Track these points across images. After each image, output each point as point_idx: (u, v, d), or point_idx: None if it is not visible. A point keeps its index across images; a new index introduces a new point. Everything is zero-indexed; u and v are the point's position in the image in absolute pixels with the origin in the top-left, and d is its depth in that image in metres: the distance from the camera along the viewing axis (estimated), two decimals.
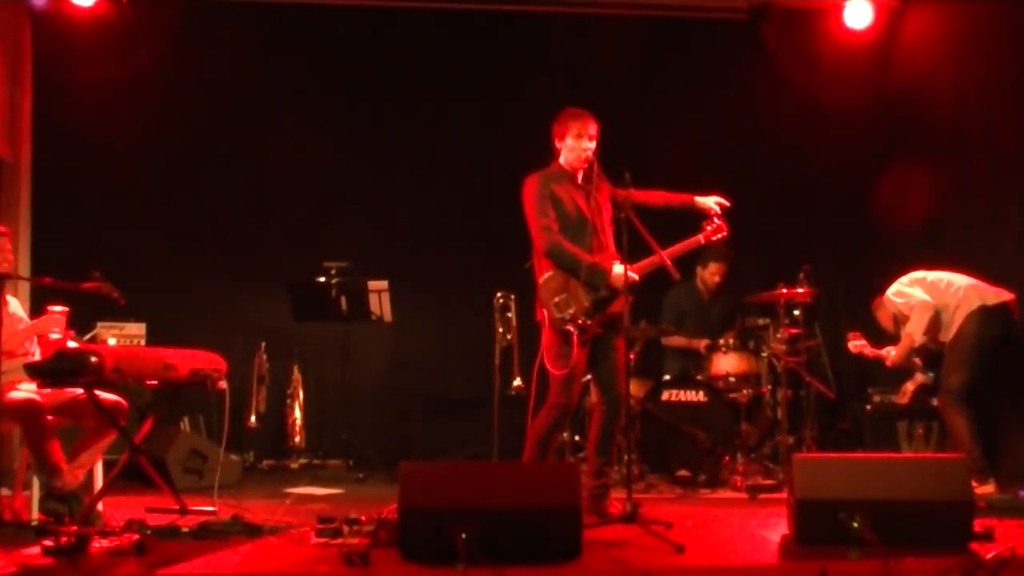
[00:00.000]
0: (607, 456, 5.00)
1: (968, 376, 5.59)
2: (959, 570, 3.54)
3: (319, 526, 4.19)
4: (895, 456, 5.77)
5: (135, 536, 3.96)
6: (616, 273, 4.79)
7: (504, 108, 7.48)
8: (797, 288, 6.19)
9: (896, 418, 6.69)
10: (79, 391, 4.43)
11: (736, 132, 7.84)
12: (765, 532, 4.43)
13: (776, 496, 5.52)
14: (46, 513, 4.32)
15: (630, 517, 4.37)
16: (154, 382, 4.51)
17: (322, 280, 6.92)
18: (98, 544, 3.90)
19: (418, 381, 7.70)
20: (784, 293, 6.23)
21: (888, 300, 5.97)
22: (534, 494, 3.82)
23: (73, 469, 4.48)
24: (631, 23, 7.59)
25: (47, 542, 3.79)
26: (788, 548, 4.07)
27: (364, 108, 7.64)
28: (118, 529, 4.11)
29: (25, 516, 4.58)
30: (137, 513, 4.46)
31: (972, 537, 3.95)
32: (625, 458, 5.19)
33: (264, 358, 7.14)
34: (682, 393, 6.40)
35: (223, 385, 4.54)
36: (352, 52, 7.63)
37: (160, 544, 3.98)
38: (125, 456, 4.52)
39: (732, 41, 7.66)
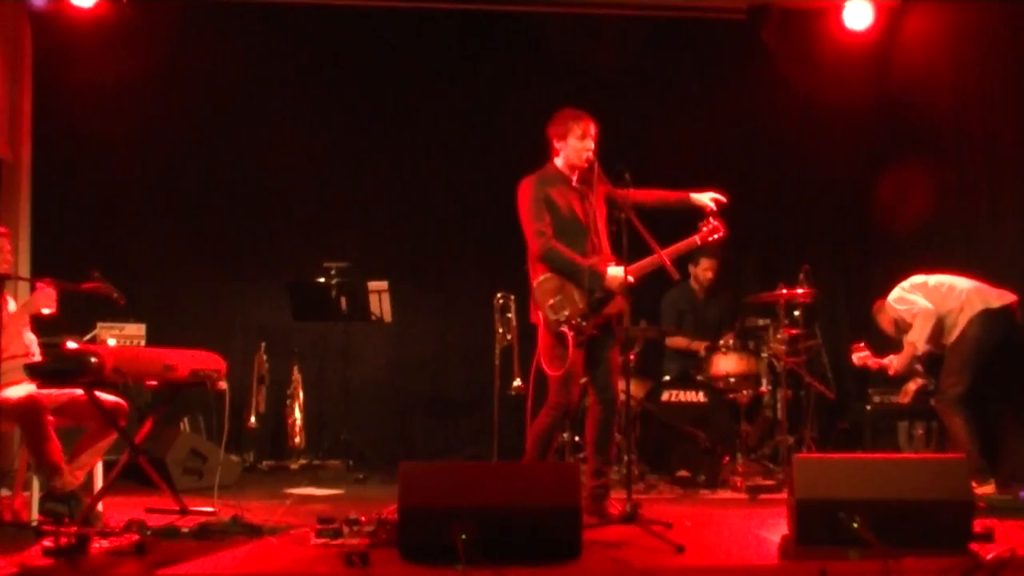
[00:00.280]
0: (605, 456, 5.00)
1: (968, 380, 5.58)
2: (959, 570, 3.54)
3: (319, 526, 4.19)
4: (895, 456, 5.76)
5: (135, 537, 3.97)
6: (612, 275, 4.80)
7: (504, 108, 7.48)
8: (797, 288, 6.18)
9: (896, 418, 6.70)
10: (79, 391, 4.43)
11: (736, 132, 7.84)
12: (765, 532, 4.43)
13: (776, 496, 5.51)
14: (46, 514, 4.31)
15: (630, 517, 4.38)
16: (154, 382, 4.53)
17: (322, 280, 6.92)
18: (98, 545, 3.90)
19: (418, 381, 7.71)
20: (784, 293, 6.23)
21: (889, 306, 5.92)
22: (534, 494, 3.81)
23: (73, 470, 4.47)
24: (631, 23, 7.59)
25: (47, 543, 3.80)
26: (788, 548, 4.06)
27: (364, 108, 7.64)
28: (118, 530, 4.12)
29: (25, 517, 4.57)
30: (137, 513, 4.47)
31: (972, 537, 3.95)
32: (625, 458, 5.17)
33: (264, 358, 7.13)
34: (682, 393, 6.41)
35: (223, 385, 4.55)
36: (352, 52, 7.62)
37: (160, 544, 3.97)
38: (125, 456, 4.53)
39: (732, 41, 7.66)
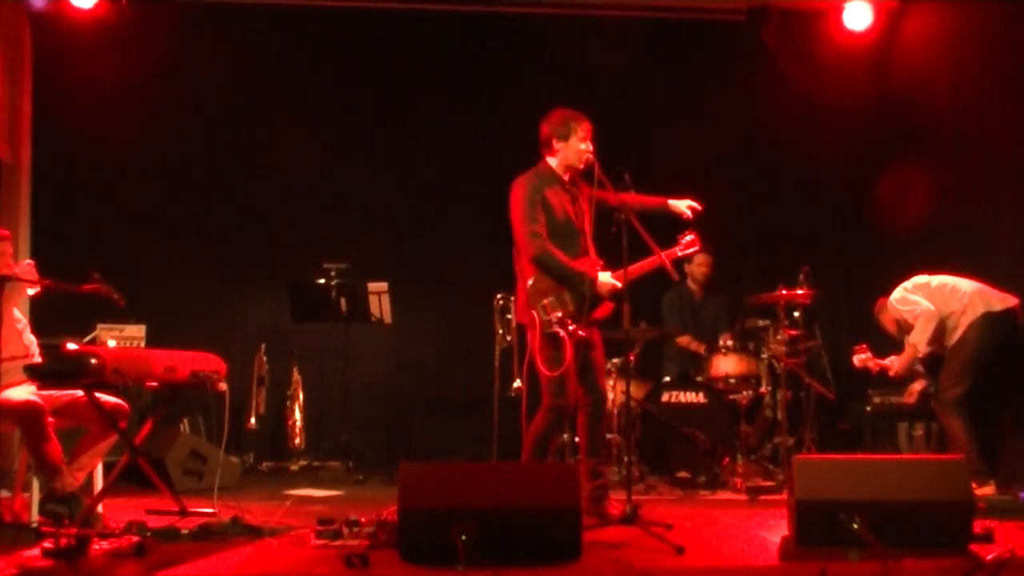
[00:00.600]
0: (600, 456, 4.99)
1: (968, 382, 5.57)
2: (959, 571, 3.54)
3: (319, 527, 4.19)
4: (895, 457, 5.76)
5: (135, 538, 3.96)
6: (602, 281, 4.82)
7: (504, 109, 7.47)
8: (797, 289, 6.18)
9: (896, 419, 6.70)
10: (79, 393, 4.42)
11: (736, 132, 7.84)
12: (765, 533, 4.43)
13: (776, 497, 5.52)
14: (46, 515, 4.30)
15: (630, 518, 4.38)
16: (154, 384, 4.52)
17: (322, 281, 6.93)
18: (98, 546, 3.91)
19: (418, 382, 7.70)
20: (784, 294, 6.23)
21: (891, 306, 5.91)
22: (534, 495, 3.81)
23: (73, 471, 4.47)
24: (631, 24, 7.59)
25: (47, 544, 3.80)
26: (788, 549, 4.06)
27: (364, 109, 7.64)
28: (118, 531, 4.12)
29: (25, 518, 4.57)
30: (137, 515, 4.47)
31: (972, 538, 3.95)
32: (625, 459, 5.18)
33: (264, 359, 7.14)
34: (682, 394, 6.41)
35: (223, 386, 4.54)
36: (352, 53, 7.62)
37: (160, 546, 3.97)
38: (125, 458, 4.53)
39: (731, 42, 7.66)
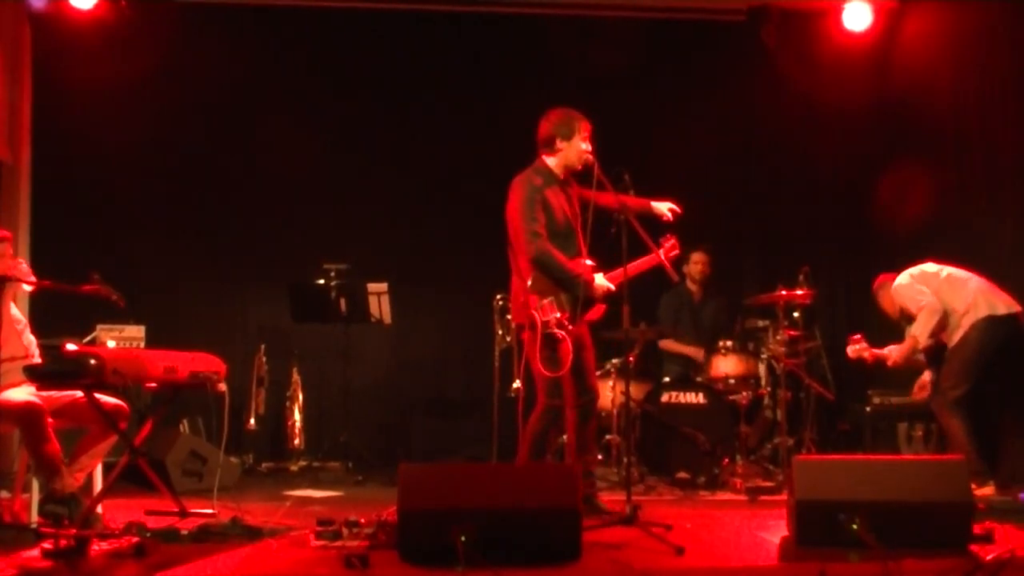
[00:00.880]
0: (589, 455, 5.00)
1: (968, 384, 5.55)
2: (959, 572, 3.54)
3: (318, 528, 4.18)
4: (895, 458, 5.75)
5: (134, 539, 3.96)
6: (598, 283, 4.85)
7: (504, 109, 7.46)
8: (796, 290, 6.19)
9: (896, 420, 6.69)
10: (79, 393, 4.42)
11: (736, 133, 7.84)
12: (765, 534, 4.43)
13: (776, 498, 5.51)
14: (45, 516, 4.30)
15: (630, 519, 4.38)
16: (153, 384, 4.53)
17: (321, 282, 6.93)
18: (97, 547, 3.90)
19: (417, 383, 7.71)
20: (783, 295, 6.23)
21: (895, 291, 5.86)
22: (533, 496, 3.81)
23: (73, 471, 4.47)
24: (631, 24, 7.60)
25: (46, 545, 3.79)
26: (788, 550, 4.06)
27: (364, 109, 7.63)
28: (117, 532, 4.12)
29: (24, 519, 4.57)
30: (136, 515, 4.47)
31: (972, 539, 3.95)
32: (625, 460, 5.17)
33: (263, 360, 7.13)
34: (681, 395, 6.40)
35: (222, 387, 4.54)
36: (352, 53, 7.62)
37: (159, 546, 3.97)
38: (125, 458, 4.53)
39: (731, 42, 7.66)
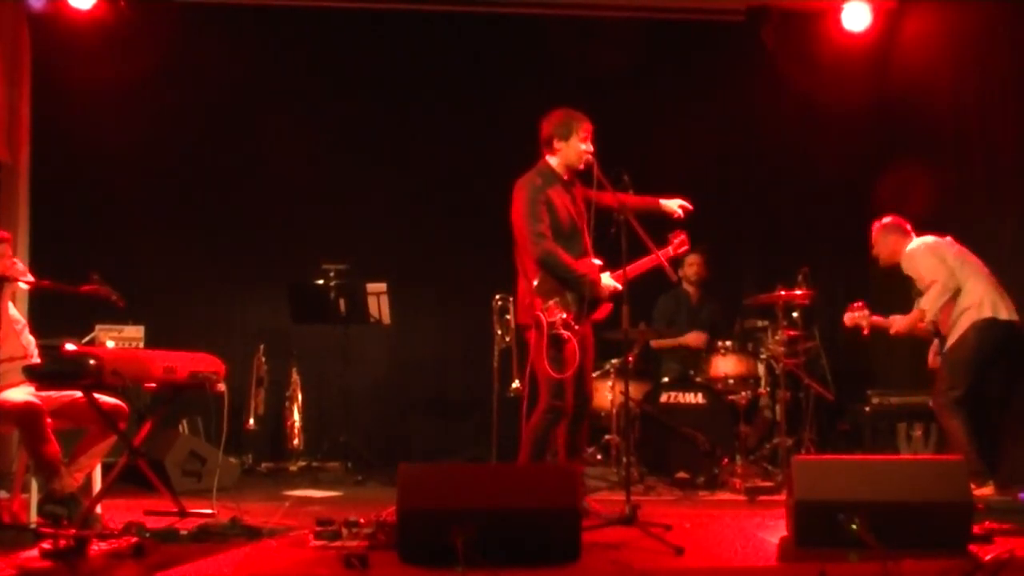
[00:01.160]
0: (579, 457, 5.01)
1: (967, 384, 5.54)
2: (958, 572, 3.54)
3: (318, 528, 4.18)
4: (894, 458, 5.76)
5: (134, 539, 3.95)
6: (605, 283, 4.86)
7: (503, 109, 7.48)
8: (796, 290, 6.19)
9: (895, 420, 6.69)
10: (78, 394, 4.42)
11: (736, 133, 7.84)
12: (764, 534, 4.43)
13: (775, 498, 5.51)
14: (45, 516, 4.30)
15: (629, 519, 4.37)
16: (153, 385, 4.53)
17: (321, 282, 6.93)
18: (97, 547, 3.89)
19: (417, 383, 7.71)
20: (783, 295, 6.23)
21: (908, 255, 5.75)
22: (533, 496, 3.81)
23: (72, 472, 4.47)
24: (630, 24, 7.60)
25: (45, 545, 3.79)
26: (787, 550, 4.06)
27: (363, 109, 7.64)
28: (117, 532, 4.11)
29: (24, 519, 4.57)
30: (136, 516, 4.47)
31: (971, 539, 3.95)
32: (624, 460, 5.17)
33: (263, 360, 7.14)
34: (681, 395, 6.40)
35: (222, 387, 4.55)
36: (351, 53, 7.63)
37: (159, 547, 3.97)
38: (124, 459, 4.53)
39: (731, 43, 7.67)
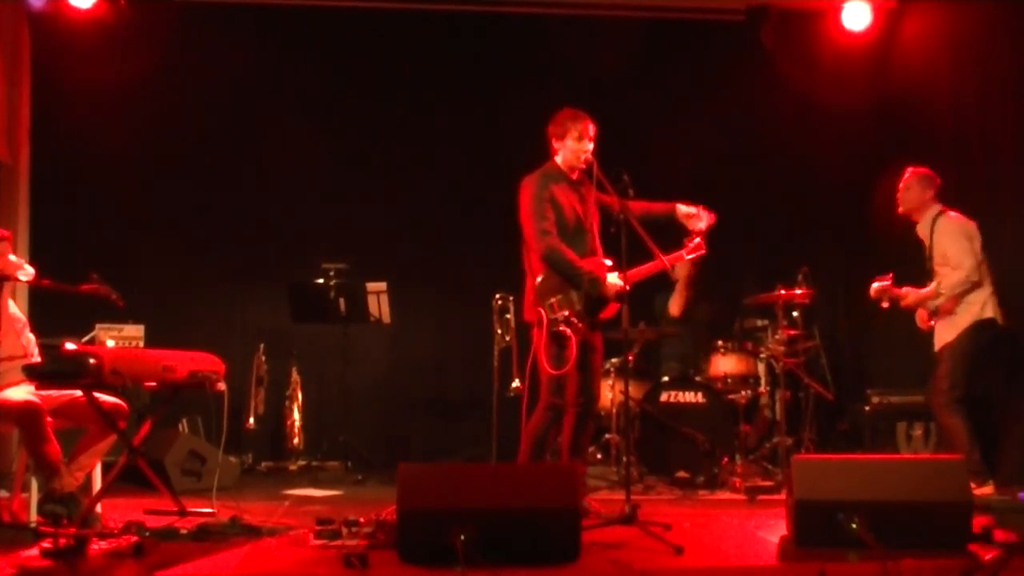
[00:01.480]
0: (581, 456, 5.00)
1: (966, 383, 5.55)
2: (958, 571, 3.54)
3: (318, 528, 4.20)
4: (894, 457, 5.76)
5: (134, 538, 3.96)
6: (610, 282, 4.84)
7: (503, 109, 7.48)
8: (795, 289, 6.19)
9: (895, 419, 6.70)
10: (78, 393, 4.43)
11: (735, 132, 7.84)
12: (764, 533, 4.43)
13: (775, 497, 5.52)
14: (45, 515, 4.30)
15: (629, 518, 4.38)
16: (152, 384, 4.53)
17: (321, 282, 6.93)
18: (97, 546, 3.91)
19: (417, 382, 7.72)
20: (782, 294, 6.23)
21: (948, 223, 5.68)
22: (533, 496, 3.81)
23: (72, 471, 4.46)
24: (630, 24, 7.61)
25: (45, 544, 3.80)
26: (787, 549, 4.06)
27: (363, 109, 7.64)
28: (117, 531, 4.12)
29: (24, 518, 4.57)
30: (136, 515, 4.47)
31: (971, 538, 3.95)
32: (624, 459, 5.17)
33: (263, 359, 7.14)
34: (680, 394, 6.40)
35: (221, 387, 4.55)
36: (351, 53, 7.63)
37: (159, 546, 3.97)
38: (124, 458, 4.53)
39: (730, 42, 7.67)
